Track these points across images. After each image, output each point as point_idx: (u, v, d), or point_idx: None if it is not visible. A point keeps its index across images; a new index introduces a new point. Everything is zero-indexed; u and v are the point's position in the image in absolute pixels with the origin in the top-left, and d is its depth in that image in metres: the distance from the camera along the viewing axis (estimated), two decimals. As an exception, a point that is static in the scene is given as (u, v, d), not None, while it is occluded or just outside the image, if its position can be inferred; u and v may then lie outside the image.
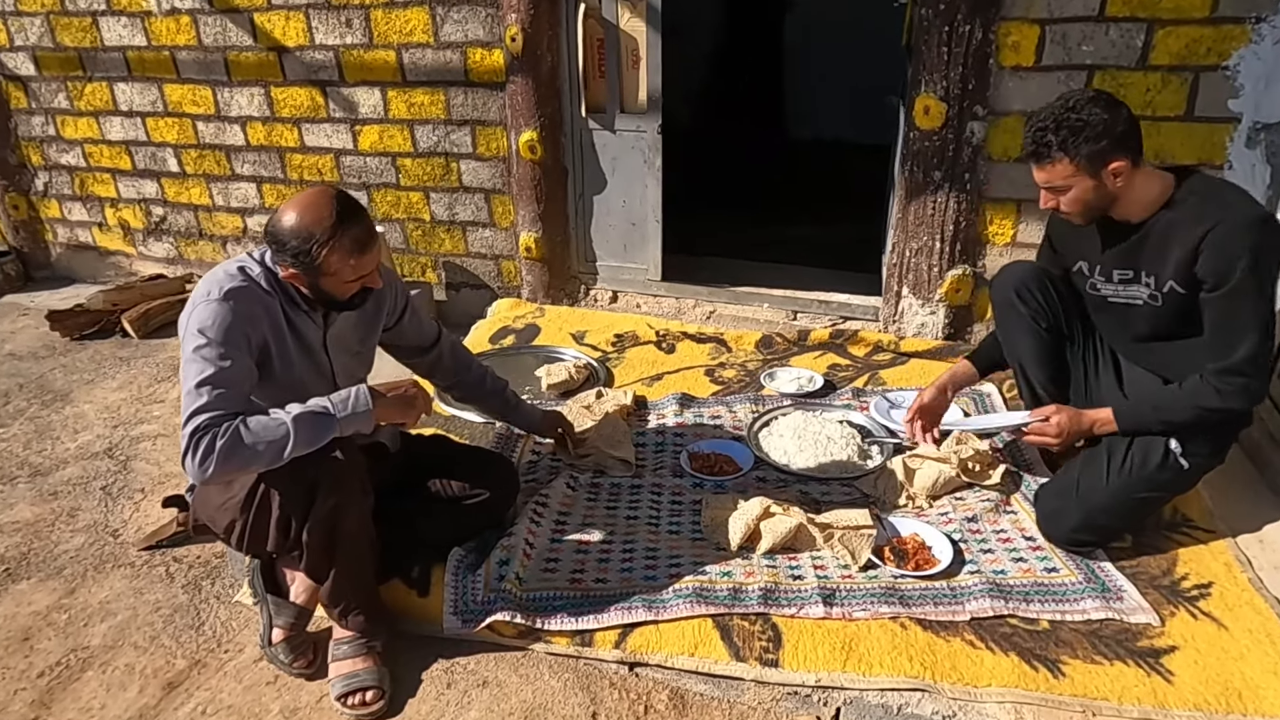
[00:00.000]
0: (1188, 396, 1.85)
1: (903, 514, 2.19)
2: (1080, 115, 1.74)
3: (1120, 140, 1.76)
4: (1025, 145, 1.83)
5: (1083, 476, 1.98)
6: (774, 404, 2.75)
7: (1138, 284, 1.94)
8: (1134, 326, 2.01)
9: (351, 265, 1.67)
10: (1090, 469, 1.98)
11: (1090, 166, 1.77)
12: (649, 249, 3.48)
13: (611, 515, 2.22)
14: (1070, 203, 1.85)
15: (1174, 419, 1.89)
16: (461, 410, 2.77)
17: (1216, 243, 1.72)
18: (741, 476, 2.35)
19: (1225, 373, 1.79)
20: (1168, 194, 1.83)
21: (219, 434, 1.54)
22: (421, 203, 3.69)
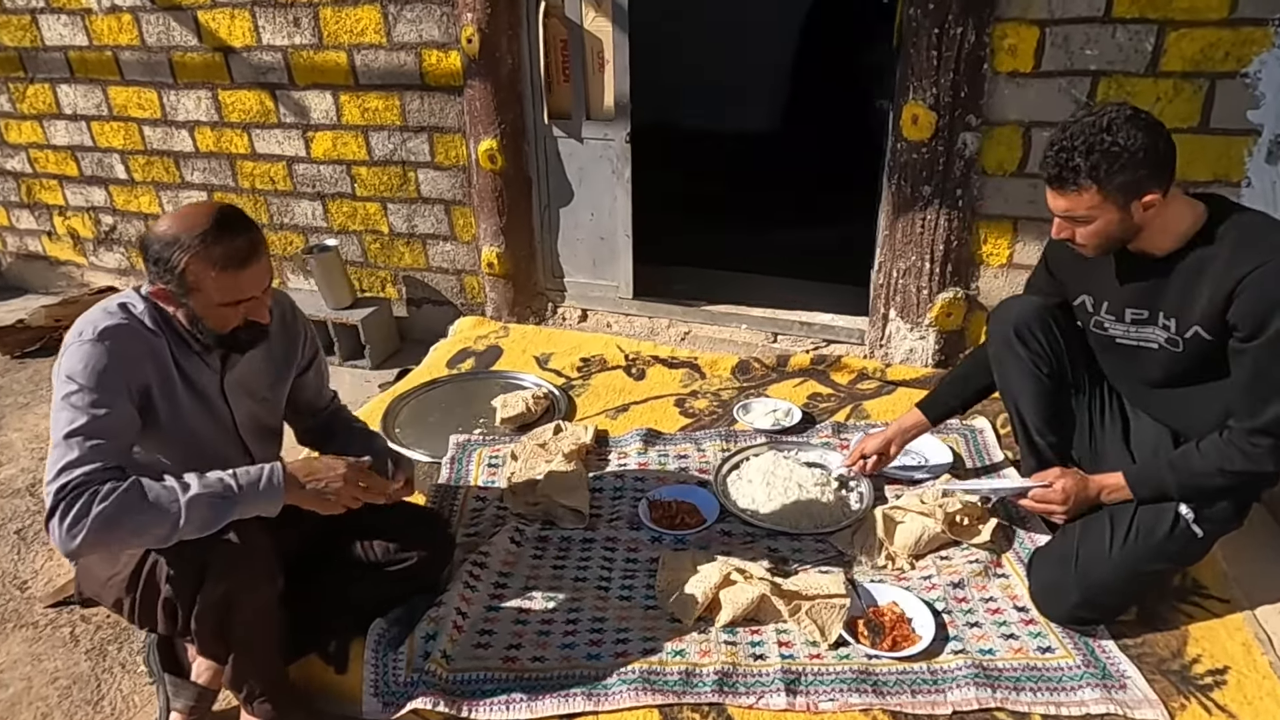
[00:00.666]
0: (1210, 458, 1.63)
1: (881, 575, 1.96)
2: (1117, 139, 1.50)
3: (1158, 169, 1.52)
4: (1046, 167, 1.58)
5: (1083, 546, 1.75)
6: (747, 441, 2.52)
7: (1153, 326, 1.71)
8: (1145, 371, 1.78)
9: (216, 280, 1.44)
10: (1091, 537, 1.75)
11: (1121, 198, 1.54)
12: (619, 265, 3.24)
13: (558, 576, 2.00)
14: (1089, 235, 1.62)
15: (1194, 483, 1.67)
16: (409, 449, 2.55)
17: (1258, 286, 1.49)
18: (705, 530, 2.13)
19: (1254, 432, 1.57)
20: (1198, 226, 1.60)
21: (96, 497, 1.33)
22: (379, 214, 3.46)
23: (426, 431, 2.67)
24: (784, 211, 4.60)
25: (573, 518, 2.18)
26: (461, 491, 2.30)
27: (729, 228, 4.43)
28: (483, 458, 2.47)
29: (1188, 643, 1.74)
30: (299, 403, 1.88)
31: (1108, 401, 1.94)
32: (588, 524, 2.17)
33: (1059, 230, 1.66)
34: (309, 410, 1.91)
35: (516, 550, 2.07)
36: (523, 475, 2.32)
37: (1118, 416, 1.93)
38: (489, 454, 2.49)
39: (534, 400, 2.71)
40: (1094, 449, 1.96)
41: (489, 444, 2.56)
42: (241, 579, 1.45)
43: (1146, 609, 1.81)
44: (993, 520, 2.06)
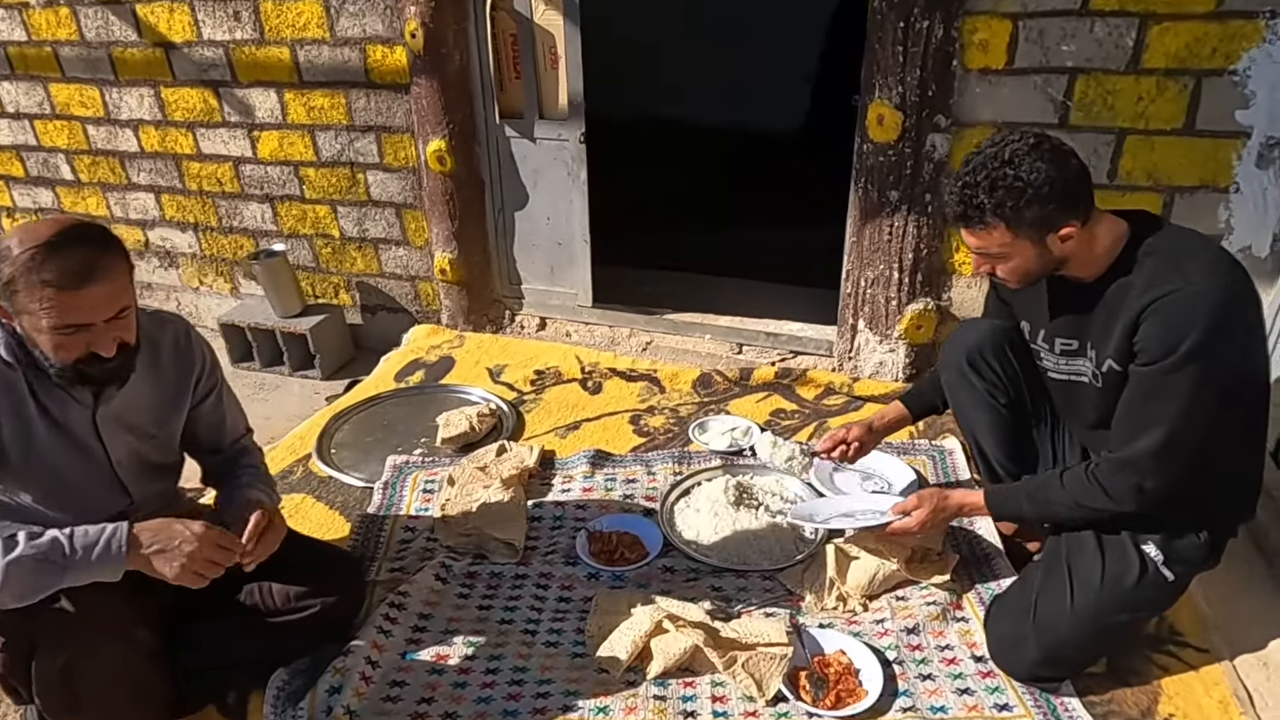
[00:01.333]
0: (1070, 492, 1.53)
1: (830, 617, 1.81)
2: (1019, 172, 1.38)
3: (1069, 199, 1.40)
4: (950, 205, 1.47)
5: (1042, 597, 1.59)
6: (701, 463, 2.37)
7: (1082, 358, 1.58)
8: (1080, 408, 1.66)
9: (44, 301, 1.26)
10: (1051, 587, 1.59)
11: (1034, 233, 1.42)
12: (577, 272, 3.09)
13: (482, 618, 1.85)
14: (1008, 271, 1.51)
15: (1049, 515, 1.62)
16: (339, 473, 2.40)
17: (1163, 312, 1.37)
18: (645, 565, 1.98)
19: (1120, 466, 1.47)
20: (1118, 248, 1.47)
21: None
22: (329, 217, 3.30)
23: (364, 452, 2.52)
24: (774, 211, 4.42)
25: (505, 551, 2.03)
26: (389, 522, 2.15)
27: (715, 227, 4.26)
28: (418, 482, 2.32)
29: (1159, 700, 1.59)
30: (195, 439, 1.71)
31: (1069, 433, 1.79)
32: (520, 558, 2.01)
33: (977, 266, 1.56)
34: (207, 448, 1.74)
35: (441, 588, 1.92)
36: (458, 502, 2.17)
37: (1078, 448, 1.78)
38: (425, 478, 2.34)
39: (478, 418, 2.56)
40: None
41: (427, 466, 2.41)
42: (80, 645, 1.31)
43: (1117, 661, 1.66)
44: (955, 557, 1.90)
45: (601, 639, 1.74)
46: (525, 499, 2.21)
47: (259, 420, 3.15)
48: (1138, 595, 1.54)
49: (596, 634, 1.77)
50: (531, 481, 2.33)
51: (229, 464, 1.74)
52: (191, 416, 1.68)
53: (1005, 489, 1.69)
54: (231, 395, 1.80)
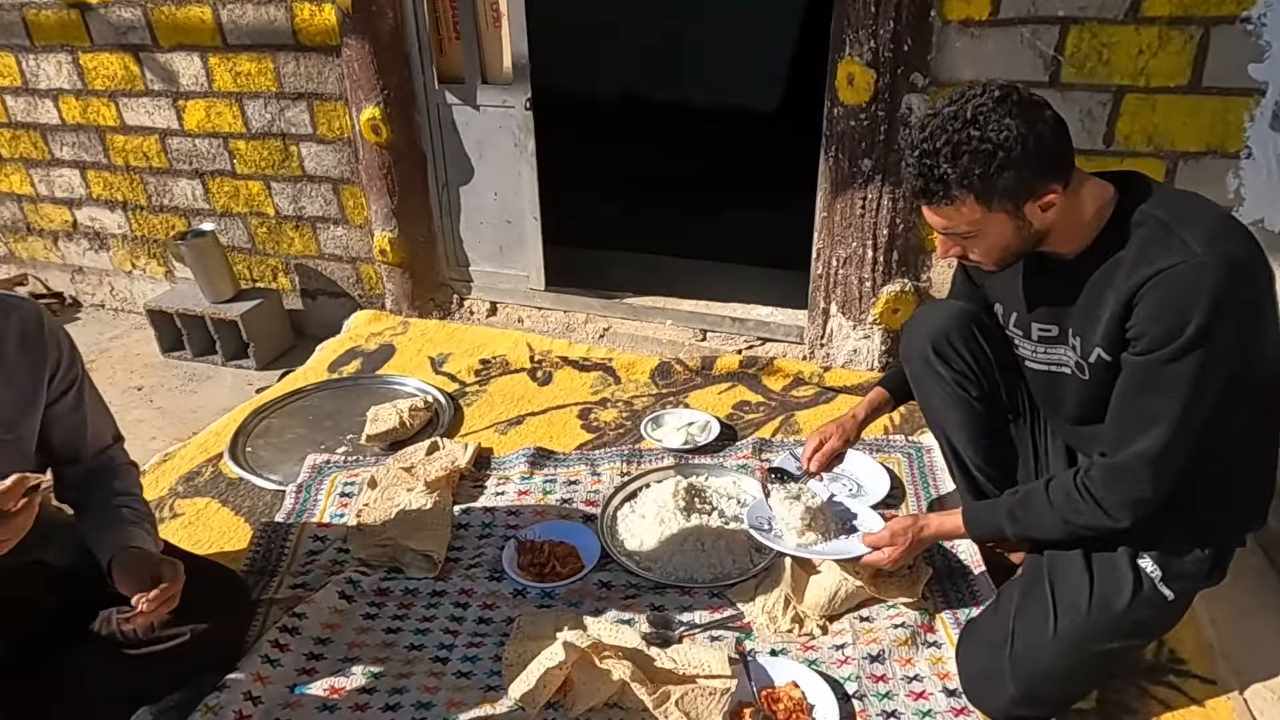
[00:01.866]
0: (1057, 508, 1.32)
1: (784, 641, 1.59)
2: (985, 133, 1.16)
3: (1048, 160, 1.18)
4: (909, 179, 1.25)
5: (1020, 623, 1.37)
6: (652, 462, 2.14)
7: (1063, 346, 1.36)
8: (1065, 404, 1.43)
9: None
10: (1030, 610, 1.37)
11: (1009, 204, 1.20)
12: (528, 251, 2.84)
13: (389, 642, 1.62)
14: (983, 252, 1.29)
15: (1036, 537, 1.38)
16: (251, 474, 2.17)
17: (1162, 291, 1.15)
18: (579, 579, 1.75)
19: (1114, 474, 1.25)
20: (1104, 216, 1.25)
21: None
22: (263, 194, 3.05)
23: (283, 451, 2.28)
24: (745, 191, 4.16)
25: (423, 564, 1.80)
26: (295, 531, 1.92)
27: (682, 208, 4.00)
28: (336, 484, 2.09)
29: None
30: (48, 445, 1.47)
31: (1051, 428, 1.57)
32: (439, 572, 1.79)
33: (945, 249, 1.33)
34: (64, 457, 1.49)
35: (346, 607, 1.69)
36: (377, 507, 1.94)
37: (1062, 447, 1.55)
38: (345, 479, 2.11)
39: (410, 412, 2.32)
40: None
41: (349, 466, 2.17)
42: None
43: (1108, 695, 1.44)
44: (927, 570, 1.68)
45: (520, 668, 1.52)
46: (452, 504, 1.99)
47: (184, 414, 2.94)
48: (1132, 617, 1.32)
49: (515, 662, 1.54)
50: (463, 483, 2.10)
51: (93, 480, 1.50)
52: (46, 419, 1.44)
53: (985, 508, 1.46)
54: (96, 396, 1.55)
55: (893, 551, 1.49)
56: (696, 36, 4.42)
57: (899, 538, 1.49)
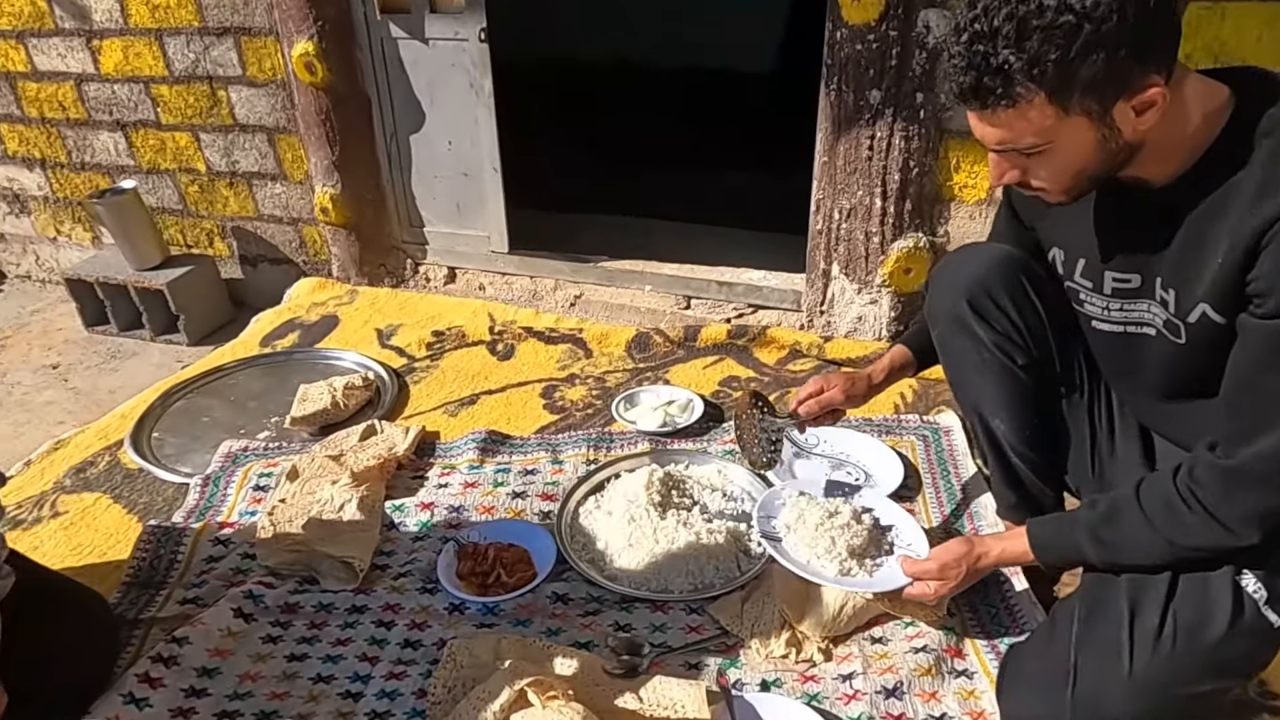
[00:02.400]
0: (1157, 524, 0.99)
1: (778, 670, 1.28)
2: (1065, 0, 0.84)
3: (1151, 38, 0.86)
4: (954, 75, 0.93)
5: (1085, 657, 1.05)
6: (625, 447, 1.83)
7: (1147, 299, 1.06)
8: (1145, 374, 1.12)
9: None
10: (1097, 642, 1.06)
11: (1092, 103, 0.89)
12: (489, 210, 2.51)
13: (291, 673, 1.32)
14: (1052, 175, 0.98)
15: (1136, 562, 1.04)
16: (154, 465, 1.85)
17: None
18: (530, 591, 1.44)
19: (1233, 478, 0.93)
20: (1215, 127, 0.93)
21: None
22: (192, 147, 2.71)
23: (197, 437, 1.97)
24: (738, 154, 3.82)
25: (342, 573, 1.49)
26: (191, 534, 1.60)
27: (675, 171, 3.67)
28: (250, 476, 1.77)
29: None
30: None
31: (1117, 403, 1.26)
32: (361, 583, 1.47)
33: (1000, 172, 1.01)
34: None
35: (242, 629, 1.38)
36: (295, 503, 1.63)
37: (1134, 430, 1.24)
38: (261, 470, 1.79)
39: (345, 391, 2.00)
40: (1099, 473, 1.28)
41: (268, 455, 1.86)
42: None
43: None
44: (953, 579, 1.37)
45: (449, 705, 1.21)
46: (383, 499, 1.67)
47: (101, 396, 2.61)
48: (1228, 651, 1.01)
49: (443, 698, 1.24)
50: (400, 474, 1.78)
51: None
52: None
53: (1055, 526, 1.13)
54: None
55: (941, 587, 1.19)
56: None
57: (950, 570, 1.17)
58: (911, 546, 1.33)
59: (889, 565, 1.31)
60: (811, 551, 1.30)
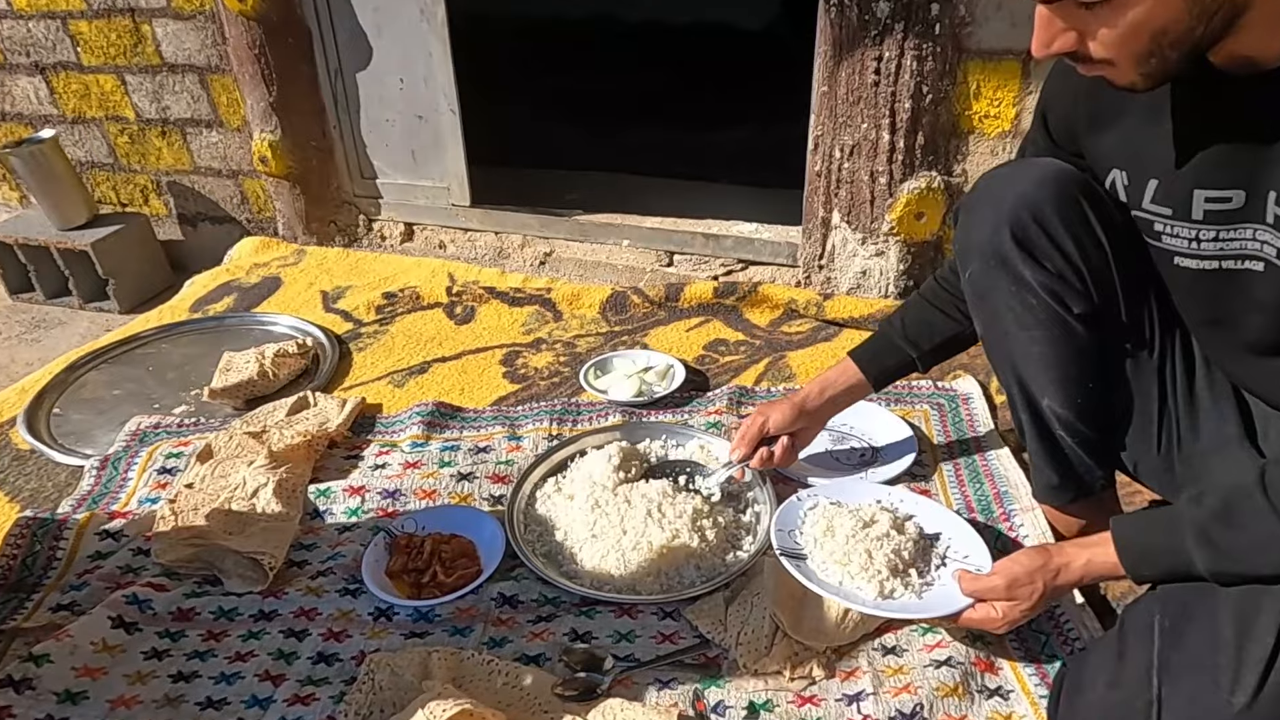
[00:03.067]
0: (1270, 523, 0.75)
1: (770, 690, 1.04)
2: None
3: None
4: None
5: (1170, 685, 0.81)
6: (593, 421, 1.58)
7: (1253, 224, 0.80)
8: (1250, 321, 0.87)
9: None
10: (1188, 661, 0.81)
11: None
12: (447, 157, 2.24)
13: (176, 697, 1.08)
14: (1124, 39, 0.73)
15: (1252, 570, 0.78)
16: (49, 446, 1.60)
17: None
18: (472, 592, 1.20)
19: None
20: None
21: None
22: (118, 91, 2.43)
23: (105, 413, 1.72)
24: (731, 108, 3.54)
25: (250, 572, 1.25)
26: (75, 526, 1.35)
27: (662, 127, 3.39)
28: (155, 458, 1.52)
29: None
30: None
31: (1200, 365, 1.01)
32: (271, 583, 1.23)
33: (1049, 36, 0.76)
34: None
35: (123, 639, 1.14)
36: (204, 489, 1.39)
37: (1227, 393, 0.99)
38: (169, 450, 1.54)
39: (276, 359, 1.75)
40: (1171, 450, 1.04)
41: (181, 433, 1.61)
42: None
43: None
44: (981, 574, 1.13)
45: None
46: (307, 483, 1.43)
47: (19, 369, 2.33)
48: None
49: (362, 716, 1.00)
50: (332, 453, 1.54)
51: None
52: None
53: (1149, 526, 0.87)
54: None
55: (1010, 610, 0.94)
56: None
57: (1022, 587, 0.92)
58: (969, 559, 1.09)
59: (942, 583, 1.06)
60: (845, 570, 1.06)
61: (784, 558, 1.09)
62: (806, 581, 1.05)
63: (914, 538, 1.11)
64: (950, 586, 1.03)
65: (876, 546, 1.07)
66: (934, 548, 1.12)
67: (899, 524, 1.12)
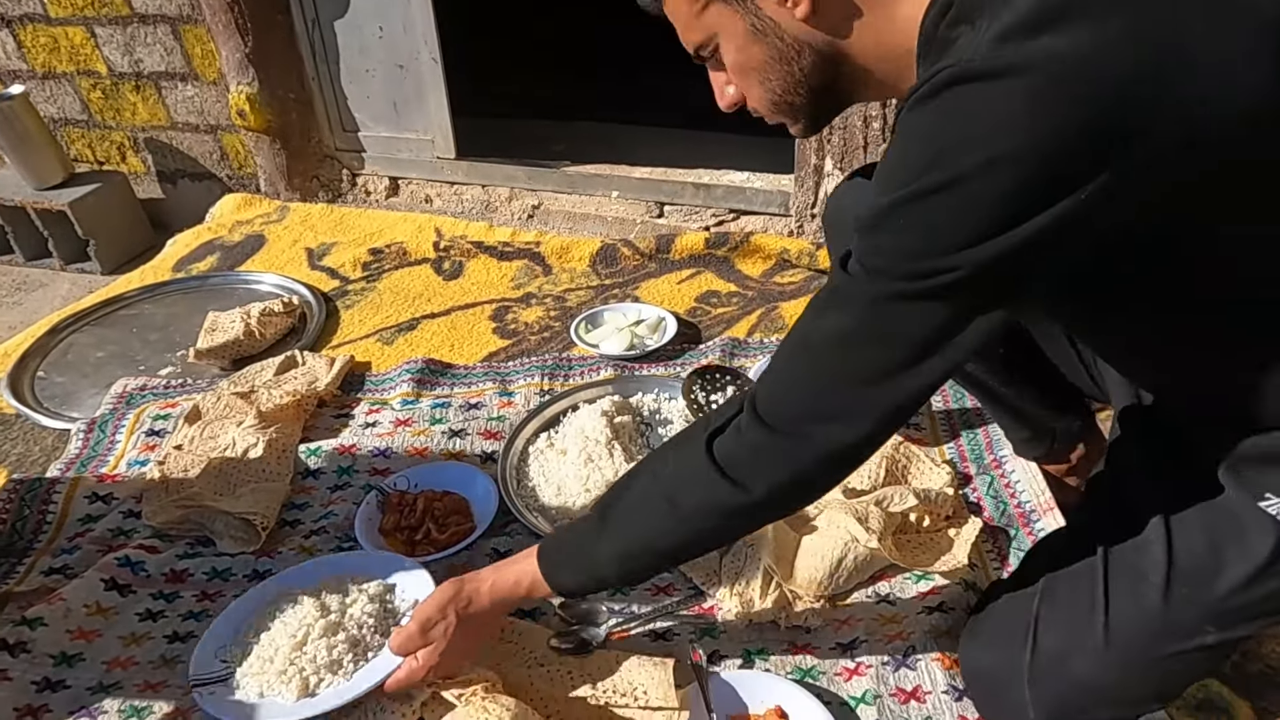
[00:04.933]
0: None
1: (765, 640, 1.05)
2: None
3: None
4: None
5: (1048, 607, 0.85)
6: (585, 375, 1.57)
7: None
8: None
9: None
10: (1067, 588, 0.85)
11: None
12: (430, 107, 2.18)
13: (172, 658, 1.08)
14: (741, 83, 0.79)
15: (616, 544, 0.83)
16: (34, 409, 1.59)
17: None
18: (465, 548, 1.20)
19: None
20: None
21: None
22: (88, 45, 2.35)
23: (88, 376, 1.70)
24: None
25: (242, 533, 1.24)
26: (64, 488, 1.34)
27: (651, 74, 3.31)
28: (143, 419, 1.51)
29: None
30: None
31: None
32: (263, 544, 1.23)
33: (719, 89, 0.83)
34: None
35: (116, 602, 1.14)
36: (194, 450, 1.38)
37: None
38: (156, 412, 1.52)
39: (261, 318, 1.72)
40: (1097, 377, 1.07)
41: (168, 394, 1.59)
42: None
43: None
44: (974, 522, 1.14)
45: (351, 705, 0.97)
46: (298, 443, 1.41)
47: (3, 332, 2.32)
48: (1245, 598, 0.76)
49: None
50: (321, 413, 1.52)
51: None
52: None
53: (570, 531, 0.90)
54: None
55: (430, 656, 0.89)
56: None
57: (434, 628, 0.88)
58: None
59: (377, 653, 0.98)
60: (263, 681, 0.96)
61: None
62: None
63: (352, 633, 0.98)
64: (385, 654, 0.94)
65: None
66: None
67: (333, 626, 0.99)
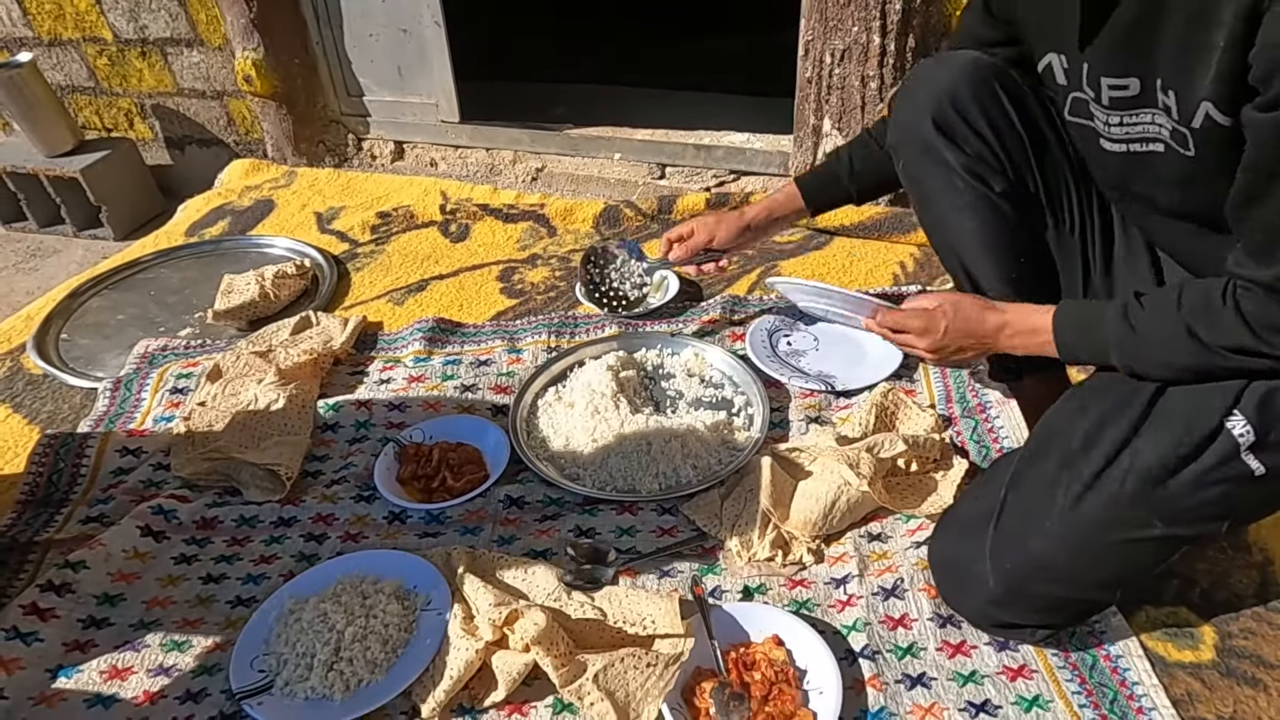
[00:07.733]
0: (1186, 311, 0.83)
1: (763, 575, 1.12)
2: None
3: None
4: None
5: (1014, 491, 0.93)
6: (590, 332, 1.63)
7: (1150, 109, 0.85)
8: (1160, 197, 0.94)
9: None
10: (1033, 473, 0.93)
11: None
12: (434, 71, 2.21)
13: (207, 597, 1.16)
14: None
15: (1151, 357, 0.87)
16: (61, 370, 1.65)
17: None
18: (479, 495, 1.26)
19: (1272, 290, 0.77)
20: None
21: None
22: (93, 11, 2.37)
23: (110, 338, 1.76)
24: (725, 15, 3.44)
25: (268, 483, 1.31)
26: (96, 442, 1.41)
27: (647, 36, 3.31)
28: (166, 378, 1.57)
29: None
30: None
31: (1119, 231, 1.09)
32: (289, 493, 1.29)
33: None
34: None
35: (151, 548, 1.21)
36: (217, 406, 1.44)
37: (1142, 258, 1.06)
38: (179, 371, 1.58)
39: (276, 280, 1.78)
40: None
41: (189, 354, 1.65)
42: None
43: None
44: (959, 464, 1.20)
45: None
46: (316, 399, 1.48)
47: (18, 298, 2.36)
48: (1198, 499, 0.84)
49: (379, 621, 1.07)
50: (337, 370, 1.58)
51: None
52: None
53: (1080, 310, 0.95)
54: None
55: (928, 339, 1.07)
56: None
57: (932, 318, 1.06)
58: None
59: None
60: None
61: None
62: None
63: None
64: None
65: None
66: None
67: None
